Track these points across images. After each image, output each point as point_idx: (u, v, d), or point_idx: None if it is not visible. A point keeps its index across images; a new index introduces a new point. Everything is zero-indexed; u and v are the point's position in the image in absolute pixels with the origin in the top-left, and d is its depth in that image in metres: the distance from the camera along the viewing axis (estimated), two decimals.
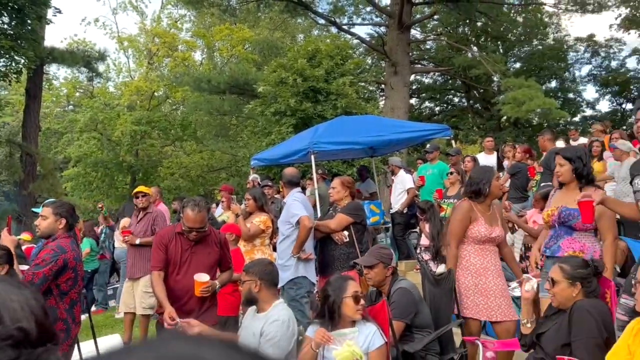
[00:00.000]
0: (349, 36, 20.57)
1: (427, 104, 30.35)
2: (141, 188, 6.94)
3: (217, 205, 10.62)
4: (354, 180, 11.89)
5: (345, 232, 5.43)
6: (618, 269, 4.65)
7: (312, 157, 8.19)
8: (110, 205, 22.89)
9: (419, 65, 25.74)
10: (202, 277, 4.11)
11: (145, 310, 6.56)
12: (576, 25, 50.44)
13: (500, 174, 7.46)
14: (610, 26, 26.92)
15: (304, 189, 7.57)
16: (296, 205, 5.46)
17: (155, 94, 25.21)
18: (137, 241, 6.50)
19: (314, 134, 8.67)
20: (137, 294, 6.61)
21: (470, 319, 4.40)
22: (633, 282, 2.55)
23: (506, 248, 4.57)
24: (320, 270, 5.43)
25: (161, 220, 6.70)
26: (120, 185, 23.28)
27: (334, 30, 21.43)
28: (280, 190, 5.75)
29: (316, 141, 8.25)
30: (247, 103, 15.69)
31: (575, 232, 4.01)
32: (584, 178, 4.09)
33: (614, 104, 29.00)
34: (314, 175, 8.52)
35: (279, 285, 5.47)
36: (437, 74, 27.63)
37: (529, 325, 3.50)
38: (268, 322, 3.63)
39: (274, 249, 6.12)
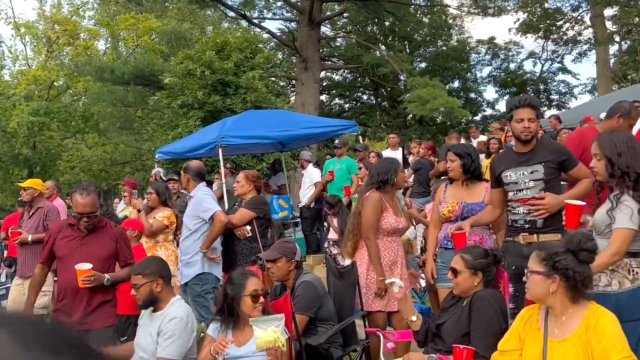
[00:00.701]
0: (259, 30, 20.42)
1: (337, 100, 30.73)
2: (29, 182, 6.51)
3: (120, 200, 10.22)
4: (266, 175, 11.92)
5: (248, 227, 5.36)
6: None
7: (220, 150, 8.06)
8: (6, 200, 21.54)
9: (329, 62, 26.02)
10: (84, 266, 3.83)
11: (38, 310, 6.18)
12: (478, 28, 52.95)
13: (405, 170, 7.67)
14: (510, 30, 28.43)
15: (210, 184, 7.40)
16: (208, 200, 5.32)
17: (55, 83, 24.00)
18: (29, 238, 6.10)
19: (222, 128, 8.54)
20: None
21: (377, 312, 4.46)
22: (526, 272, 2.66)
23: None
24: (224, 265, 5.32)
25: (54, 215, 6.31)
26: (16, 179, 21.92)
27: (244, 24, 21.20)
28: (187, 184, 5.51)
29: (224, 135, 8.13)
30: (152, 95, 15.23)
31: (476, 227, 4.19)
32: (471, 173, 4.30)
33: None
34: (222, 170, 8.39)
35: (184, 282, 5.35)
36: (346, 71, 28.00)
37: (414, 318, 3.54)
38: (165, 321, 3.51)
39: (178, 245, 5.94)
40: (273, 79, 15.68)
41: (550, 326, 2.58)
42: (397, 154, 9.91)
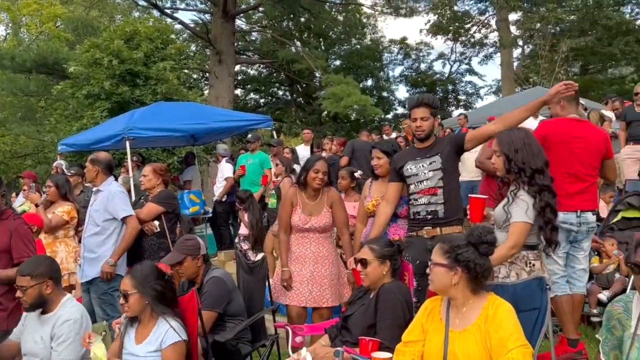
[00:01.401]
0: (172, 20, 19.87)
1: (252, 95, 30.48)
2: None
3: (18, 194, 9.64)
4: (177, 169, 11.60)
5: (156, 222, 5.19)
6: None
7: (127, 143, 7.78)
8: None
9: (244, 56, 25.74)
10: None
11: None
12: (391, 28, 54.17)
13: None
14: (421, 31, 29.18)
15: (115, 178, 7.12)
16: (124, 199, 5.07)
17: None
18: None
19: (130, 119, 8.24)
20: None
21: (291, 306, 4.47)
22: (429, 264, 2.72)
23: (345, 236, 4.60)
24: (129, 261, 5.10)
25: None
26: None
27: (156, 13, 20.56)
28: (95, 177, 5.17)
29: (132, 127, 7.85)
30: (56, 84, 14.42)
31: (400, 220, 4.29)
32: None
33: None
34: (129, 163, 8.09)
35: (85, 280, 5.09)
36: (262, 66, 27.84)
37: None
38: (58, 323, 3.32)
39: (79, 241, 5.64)
40: (185, 71, 15.29)
41: (452, 317, 2.65)
42: (307, 150, 9.98)
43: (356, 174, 6.03)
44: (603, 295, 5.14)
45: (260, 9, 24.16)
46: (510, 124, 3.63)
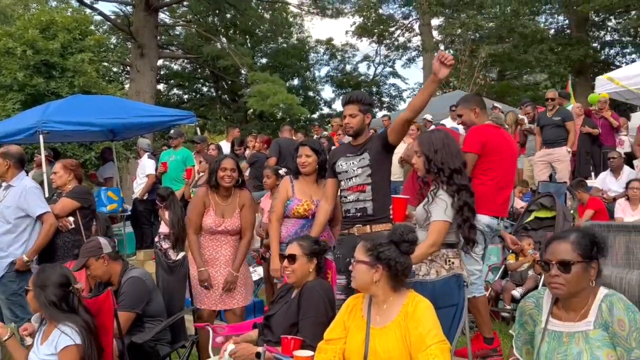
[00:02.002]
0: (91, 11, 19.11)
1: (175, 91, 29.86)
2: None
3: None
4: (95, 165, 11.17)
5: (70, 218, 4.96)
6: None
7: (41, 137, 7.42)
8: None
9: (168, 51, 25.15)
10: None
11: None
12: (317, 28, 54.49)
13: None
14: (347, 32, 29.49)
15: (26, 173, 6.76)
16: (39, 195, 4.83)
17: None
18: None
19: (44, 112, 7.87)
20: None
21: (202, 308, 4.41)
22: (352, 261, 2.73)
23: (245, 239, 4.51)
24: (42, 259, 4.84)
25: None
26: None
27: (74, 3, 19.75)
28: (6, 172, 4.88)
29: (46, 120, 7.50)
30: None
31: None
32: (325, 170, 4.35)
33: None
34: (43, 158, 7.72)
35: None
36: (186, 61, 27.32)
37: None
38: None
39: None
40: (105, 64, 14.81)
41: (373, 314, 2.68)
42: (227, 146, 9.91)
43: (281, 172, 5.99)
44: (516, 292, 5.34)
45: (185, 2, 23.72)
46: (415, 108, 3.65)
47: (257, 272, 6.38)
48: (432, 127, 9.07)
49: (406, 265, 2.69)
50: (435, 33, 25.14)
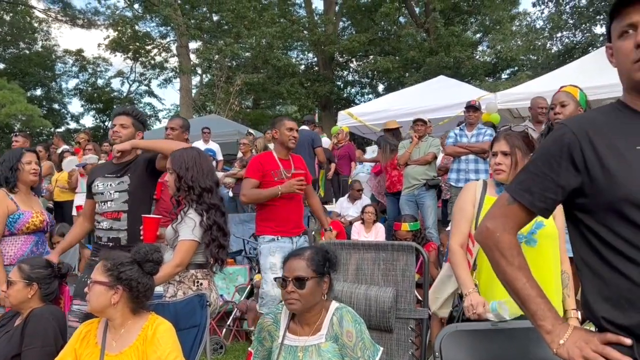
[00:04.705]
0: None
1: None
2: None
3: None
4: None
5: None
6: None
7: None
8: None
9: None
10: None
11: None
12: (66, 37, 50.59)
13: None
14: (99, 45, 27.98)
15: None
16: None
17: None
18: None
19: None
20: None
21: None
22: (88, 282, 2.52)
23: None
24: None
25: None
26: None
27: None
28: None
29: None
30: None
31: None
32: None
33: (98, 120, 30.19)
34: None
35: None
36: None
37: None
38: None
39: None
40: None
41: (109, 340, 2.49)
42: None
43: None
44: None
45: None
46: None
47: None
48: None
49: (148, 287, 2.57)
50: (193, 56, 25.25)
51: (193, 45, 25.30)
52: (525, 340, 2.07)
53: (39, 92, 27.21)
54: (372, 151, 10.26)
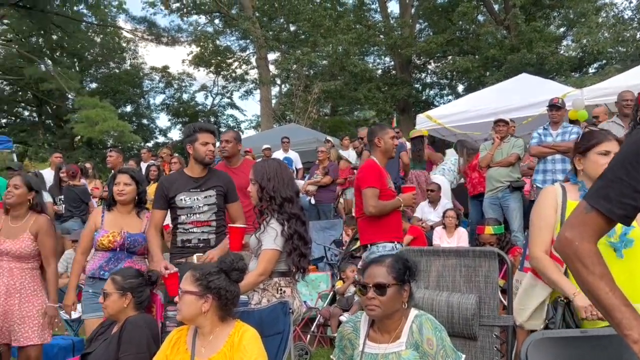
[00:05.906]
0: None
1: None
2: None
3: None
4: None
5: None
6: None
7: None
8: None
9: None
10: None
11: None
12: (152, 55, 53.09)
13: None
14: (183, 61, 29.16)
15: None
16: None
17: None
18: None
19: None
20: None
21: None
22: (179, 292, 2.63)
23: (49, 268, 4.19)
24: None
25: None
26: None
27: None
28: None
29: None
30: None
31: (135, 256, 4.11)
32: (143, 202, 4.27)
33: None
34: None
35: None
36: (4, 83, 25.10)
37: None
38: None
39: None
40: None
41: (198, 346, 2.59)
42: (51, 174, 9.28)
43: None
44: (343, 317, 5.51)
45: (5, 21, 21.90)
46: None
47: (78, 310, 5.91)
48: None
49: (236, 294, 2.66)
50: (272, 67, 25.75)
51: (271, 56, 25.84)
52: (615, 347, 1.99)
53: (129, 108, 28.56)
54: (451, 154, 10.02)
